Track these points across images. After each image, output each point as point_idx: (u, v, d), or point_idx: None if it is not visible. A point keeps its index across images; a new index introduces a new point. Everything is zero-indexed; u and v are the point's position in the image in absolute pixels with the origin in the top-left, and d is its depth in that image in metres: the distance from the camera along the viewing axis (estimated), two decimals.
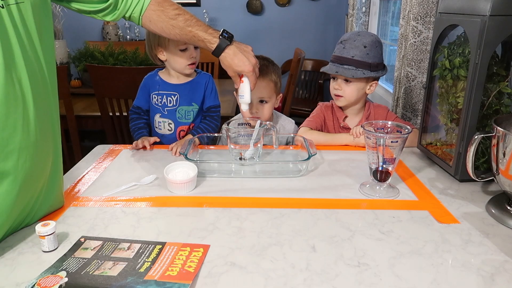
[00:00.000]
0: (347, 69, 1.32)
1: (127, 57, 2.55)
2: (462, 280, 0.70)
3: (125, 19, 1.05)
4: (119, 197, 0.98)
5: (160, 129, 1.48)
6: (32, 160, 0.78)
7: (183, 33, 1.04)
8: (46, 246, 0.77)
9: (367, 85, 1.37)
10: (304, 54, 2.97)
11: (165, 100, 1.46)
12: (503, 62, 1.05)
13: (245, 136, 1.15)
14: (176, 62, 1.40)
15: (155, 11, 1.03)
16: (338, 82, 1.37)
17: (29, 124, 0.77)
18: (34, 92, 0.78)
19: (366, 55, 1.32)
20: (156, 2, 1.03)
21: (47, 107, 0.83)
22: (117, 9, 1.01)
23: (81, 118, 2.28)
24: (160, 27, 1.04)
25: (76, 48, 2.68)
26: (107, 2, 0.99)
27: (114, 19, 1.02)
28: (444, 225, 0.86)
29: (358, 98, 1.39)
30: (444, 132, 1.16)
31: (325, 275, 0.70)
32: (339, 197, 0.99)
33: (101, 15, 1.01)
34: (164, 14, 1.03)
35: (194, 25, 1.04)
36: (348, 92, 1.36)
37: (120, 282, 0.67)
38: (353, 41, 1.33)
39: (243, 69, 1.07)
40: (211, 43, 1.04)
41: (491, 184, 1.05)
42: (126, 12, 1.02)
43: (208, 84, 1.49)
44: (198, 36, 1.04)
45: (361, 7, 3.13)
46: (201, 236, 0.82)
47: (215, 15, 4.18)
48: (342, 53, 1.34)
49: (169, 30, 1.04)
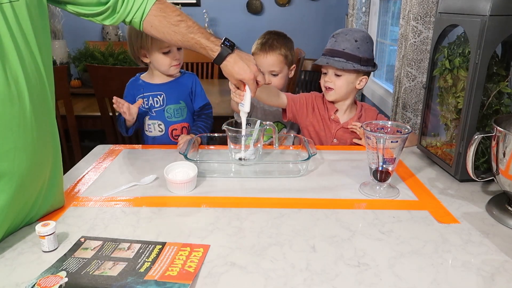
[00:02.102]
0: (337, 61, 1.34)
1: (127, 57, 2.54)
2: (462, 280, 0.70)
3: (125, 23, 1.04)
4: (119, 197, 0.98)
5: (150, 131, 1.47)
6: (29, 160, 0.78)
7: (185, 40, 1.04)
8: (46, 246, 0.77)
9: (357, 79, 1.38)
10: (304, 54, 2.97)
11: (152, 101, 1.45)
12: (503, 62, 1.05)
13: (245, 136, 1.15)
14: (160, 64, 1.38)
15: (157, 17, 1.02)
16: (328, 75, 1.38)
17: (25, 124, 0.77)
18: (31, 91, 0.77)
19: (356, 49, 1.34)
20: (158, 7, 1.02)
21: (45, 107, 0.83)
22: (116, 13, 1.00)
23: (81, 118, 2.28)
24: (162, 32, 1.03)
25: (76, 48, 2.68)
26: (105, 5, 0.97)
27: (113, 23, 1.01)
28: (444, 225, 0.86)
29: (348, 92, 1.40)
30: (444, 132, 1.16)
31: (325, 275, 0.70)
32: (339, 197, 0.99)
33: (100, 18, 0.99)
34: (166, 20, 1.02)
35: (197, 32, 1.04)
36: (338, 85, 1.37)
37: (120, 282, 0.67)
38: (344, 35, 1.35)
39: (243, 76, 1.06)
40: (213, 51, 1.04)
41: (491, 184, 1.05)
42: (126, 16, 1.01)
43: (195, 85, 1.50)
44: (200, 43, 1.04)
45: (361, 7, 3.13)
46: (201, 236, 0.82)
47: (215, 15, 4.18)
48: (334, 46, 1.36)
49: (171, 36, 1.03)
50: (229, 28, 4.15)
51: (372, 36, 3.09)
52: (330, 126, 1.43)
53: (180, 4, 4.04)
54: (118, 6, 0.99)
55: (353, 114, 1.44)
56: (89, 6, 0.97)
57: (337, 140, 1.42)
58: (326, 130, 1.43)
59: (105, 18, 0.99)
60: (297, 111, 1.42)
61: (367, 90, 2.99)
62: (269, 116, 1.56)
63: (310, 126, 1.44)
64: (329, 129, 1.43)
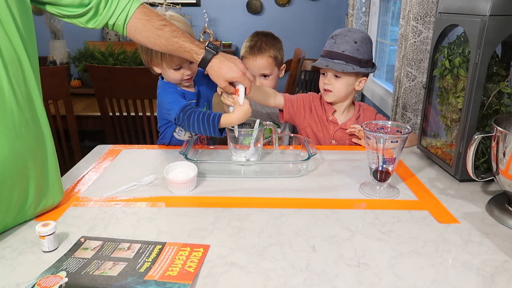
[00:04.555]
0: (337, 63, 1.32)
1: (127, 57, 2.55)
2: (462, 280, 0.70)
3: (108, 28, 1.02)
4: (119, 197, 0.98)
5: (179, 135, 1.40)
6: (10, 146, 0.78)
7: (168, 44, 1.03)
8: (46, 246, 0.77)
9: (356, 81, 1.37)
10: (304, 54, 2.97)
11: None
12: (503, 62, 1.05)
13: (245, 136, 1.15)
14: (171, 78, 1.31)
15: (141, 20, 1.01)
16: (328, 77, 1.37)
17: (5, 107, 0.77)
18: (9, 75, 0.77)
19: (356, 50, 1.32)
20: (142, 11, 1.01)
21: (27, 93, 0.83)
22: (98, 15, 0.98)
23: (81, 118, 2.28)
24: (145, 36, 1.02)
25: (76, 48, 2.68)
26: (87, 6, 0.96)
27: (96, 26, 0.99)
28: (444, 225, 0.86)
29: (347, 94, 1.39)
30: (444, 132, 1.16)
31: (325, 275, 0.70)
32: (339, 197, 0.99)
33: (82, 20, 0.98)
34: (150, 24, 1.02)
35: (181, 36, 1.03)
36: (337, 87, 1.36)
37: (120, 282, 0.67)
38: (343, 36, 1.34)
39: (232, 75, 1.05)
40: (197, 53, 1.04)
41: (491, 184, 1.05)
42: (109, 18, 0.99)
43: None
44: (185, 47, 1.03)
45: (361, 7, 3.13)
46: (201, 236, 0.82)
47: (215, 15, 4.18)
48: (333, 48, 1.34)
49: (155, 40, 1.02)
50: (229, 28, 4.15)
51: (372, 36, 3.10)
52: (328, 127, 1.42)
53: (180, 4, 4.04)
54: (100, 8, 0.98)
55: (351, 115, 1.43)
56: (70, 7, 0.95)
57: (335, 141, 1.41)
58: (324, 131, 1.42)
59: (88, 20, 0.98)
60: (295, 113, 1.41)
61: (367, 90, 2.99)
62: (263, 117, 1.54)
63: (308, 128, 1.43)
64: (327, 130, 1.42)
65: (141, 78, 2.00)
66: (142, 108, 2.12)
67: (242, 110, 1.11)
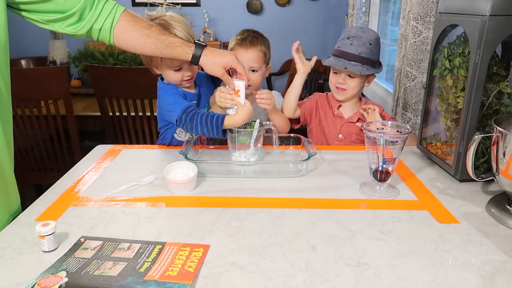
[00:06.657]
0: (354, 65, 1.36)
1: (127, 57, 2.55)
2: (462, 280, 0.70)
3: (92, 35, 0.99)
4: (119, 197, 0.98)
5: (180, 136, 1.39)
6: None
7: (158, 41, 1.03)
8: (46, 246, 0.77)
9: (367, 78, 1.43)
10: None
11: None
12: (503, 62, 1.05)
13: (244, 136, 1.15)
14: (171, 79, 1.31)
15: (129, 21, 1.01)
16: (342, 77, 1.41)
17: None
18: None
19: (370, 52, 1.37)
20: (128, 13, 1.01)
21: None
22: (82, 20, 0.96)
23: (81, 118, 2.28)
24: (134, 37, 1.01)
25: (76, 48, 2.68)
26: (72, 9, 0.93)
27: (77, 31, 0.96)
28: (444, 225, 0.86)
29: (359, 91, 1.46)
30: (444, 132, 1.16)
31: (325, 275, 0.70)
32: (339, 197, 0.99)
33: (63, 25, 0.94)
34: (138, 24, 1.02)
35: (169, 34, 1.05)
36: (352, 86, 1.41)
37: (120, 282, 0.67)
38: (359, 38, 1.37)
39: (227, 59, 1.07)
40: (188, 47, 1.05)
41: (491, 184, 1.05)
42: (94, 22, 0.97)
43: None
44: (175, 42, 1.04)
45: (361, 7, 3.13)
46: (201, 236, 0.82)
47: (215, 15, 4.18)
48: (350, 50, 1.37)
49: (144, 39, 1.02)
50: (229, 28, 4.15)
51: None
52: (335, 122, 1.46)
53: (180, 4, 4.04)
54: (85, 13, 0.96)
55: (357, 109, 1.47)
56: (53, 13, 0.92)
57: (342, 135, 1.45)
58: (331, 126, 1.46)
59: (69, 24, 0.96)
60: (310, 117, 1.48)
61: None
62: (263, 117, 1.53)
63: (318, 126, 1.48)
64: (334, 125, 1.46)
65: (141, 78, 2.00)
66: (142, 108, 2.12)
67: (245, 110, 1.12)
